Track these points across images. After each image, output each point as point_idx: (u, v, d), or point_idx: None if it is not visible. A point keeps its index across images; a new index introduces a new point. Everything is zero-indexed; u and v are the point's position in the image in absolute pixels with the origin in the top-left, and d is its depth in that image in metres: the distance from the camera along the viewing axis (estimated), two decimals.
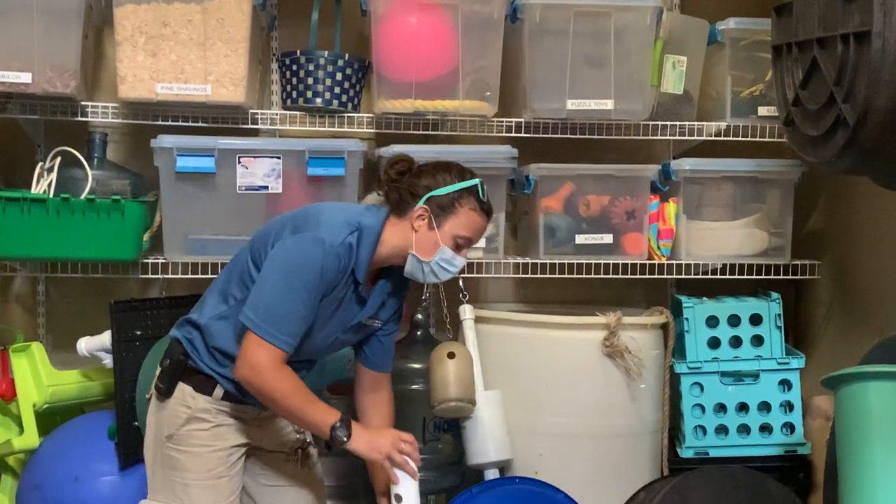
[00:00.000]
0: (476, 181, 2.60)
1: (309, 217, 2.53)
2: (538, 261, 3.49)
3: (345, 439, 2.46)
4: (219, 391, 2.55)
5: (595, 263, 3.49)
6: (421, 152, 3.34)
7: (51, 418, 3.35)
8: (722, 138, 3.55)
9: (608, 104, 3.41)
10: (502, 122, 3.48)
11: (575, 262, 3.48)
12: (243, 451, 2.64)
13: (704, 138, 3.57)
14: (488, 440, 3.24)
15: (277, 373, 2.42)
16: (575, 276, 3.49)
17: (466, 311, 3.38)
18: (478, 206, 2.59)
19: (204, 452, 2.55)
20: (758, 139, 3.52)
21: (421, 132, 3.45)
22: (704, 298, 3.57)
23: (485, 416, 3.25)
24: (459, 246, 2.60)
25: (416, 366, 3.33)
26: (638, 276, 3.53)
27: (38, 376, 3.24)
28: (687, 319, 3.49)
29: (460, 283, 3.37)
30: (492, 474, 3.27)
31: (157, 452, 2.59)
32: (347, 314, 2.60)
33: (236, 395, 2.56)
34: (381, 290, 2.67)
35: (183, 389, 2.55)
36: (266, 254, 2.49)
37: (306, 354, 2.61)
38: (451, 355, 3.21)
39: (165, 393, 2.56)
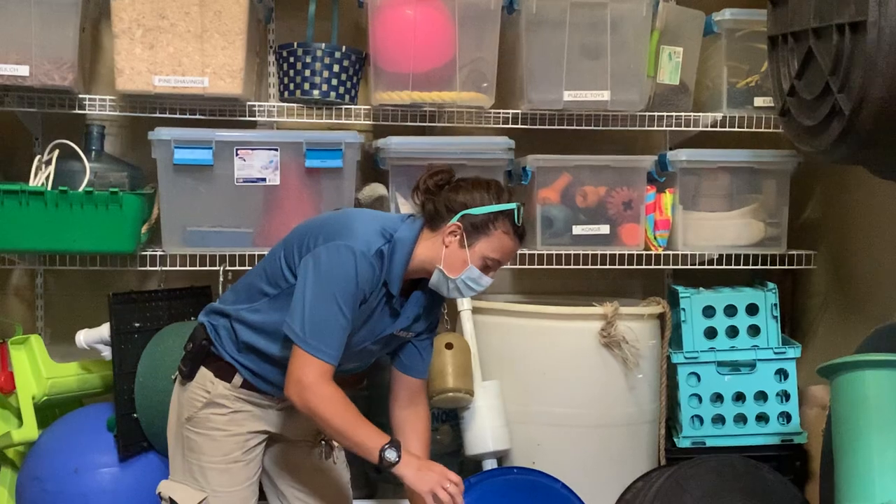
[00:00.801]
0: (514, 205, 2.49)
1: (342, 224, 2.48)
2: (535, 251, 3.50)
3: (394, 461, 2.39)
4: (237, 379, 2.56)
5: (592, 254, 3.50)
6: (418, 143, 3.37)
7: (50, 411, 3.36)
8: (718, 129, 3.56)
9: (605, 95, 3.42)
10: (499, 113, 3.49)
11: (572, 252, 3.49)
12: (262, 438, 2.64)
13: (701, 129, 3.58)
14: (486, 430, 3.26)
15: (326, 391, 2.39)
16: (572, 266, 3.50)
17: (464, 302, 3.38)
18: (512, 229, 2.49)
19: (220, 437, 2.56)
20: (754, 130, 3.53)
21: (418, 124, 3.46)
22: (701, 288, 3.58)
23: (483, 406, 3.27)
24: (488, 267, 2.51)
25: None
26: (635, 267, 3.55)
27: (36, 369, 3.24)
28: (683, 310, 3.50)
29: None
30: (490, 464, 3.28)
31: (178, 434, 2.61)
32: (379, 325, 2.56)
33: (254, 385, 2.57)
34: (416, 302, 2.60)
35: (204, 374, 2.57)
36: (299, 259, 2.45)
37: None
38: (448, 346, 3.22)
39: (187, 376, 2.58)
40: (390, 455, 2.39)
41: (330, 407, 2.39)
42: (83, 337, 3.29)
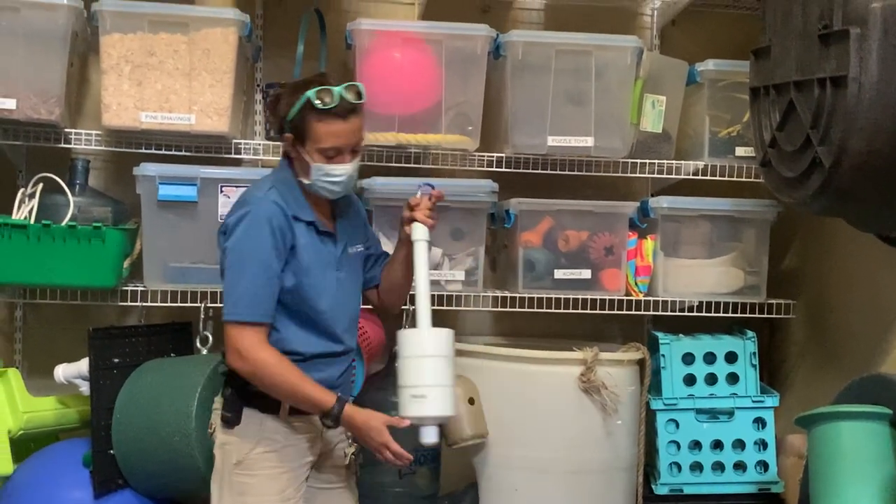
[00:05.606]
0: (306, 94, 2.52)
1: (235, 209, 2.59)
2: (517, 294, 3.51)
3: (340, 415, 2.53)
4: (285, 407, 2.58)
5: (573, 298, 3.51)
6: (402, 184, 3.38)
7: (25, 445, 3.33)
8: (700, 177, 3.58)
9: (588, 141, 3.45)
10: (483, 156, 3.51)
11: (553, 296, 3.50)
12: (308, 470, 2.67)
13: (682, 177, 3.61)
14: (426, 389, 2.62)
15: (263, 348, 2.50)
16: (553, 310, 3.51)
17: (418, 231, 2.73)
18: (322, 115, 2.52)
19: (275, 474, 2.57)
20: (735, 179, 3.56)
21: (403, 164, 3.48)
22: (681, 335, 3.60)
23: (426, 358, 2.64)
24: (331, 157, 2.56)
25: (395, 399, 3.29)
26: (615, 312, 3.56)
27: (13, 402, 3.22)
28: (663, 356, 3.51)
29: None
30: (429, 433, 2.60)
31: (223, 482, 2.59)
32: (328, 253, 2.65)
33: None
34: (346, 217, 2.74)
35: (250, 414, 2.58)
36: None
37: (329, 316, 2.62)
38: (471, 401, 3.24)
39: (234, 420, 2.58)
40: (338, 408, 2.53)
41: (272, 361, 2.50)
42: (62, 371, 3.27)
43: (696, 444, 3.52)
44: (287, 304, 2.57)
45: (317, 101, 2.51)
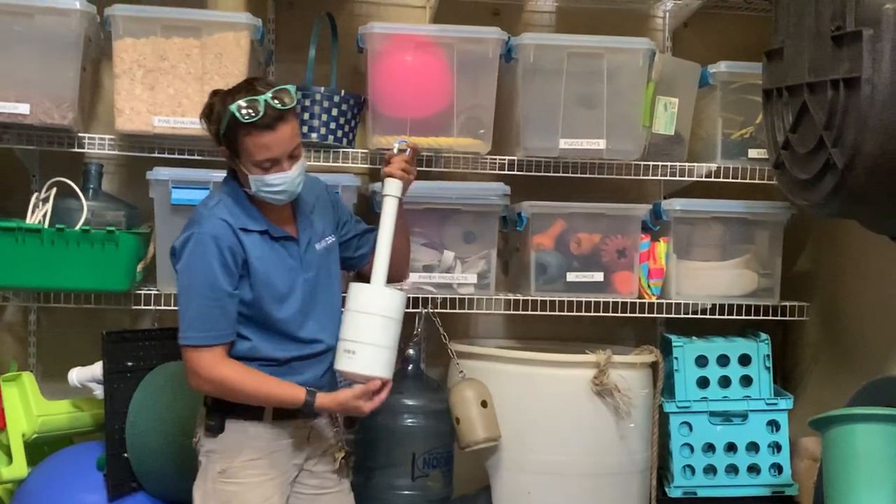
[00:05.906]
0: (229, 111, 2.44)
1: (183, 229, 2.55)
2: (529, 297, 3.50)
3: (315, 403, 2.53)
4: (268, 412, 2.57)
5: (586, 301, 3.50)
6: (414, 188, 3.37)
7: (39, 448, 3.34)
8: (712, 179, 3.58)
9: (600, 144, 3.44)
10: (495, 159, 3.51)
11: (566, 299, 3.50)
12: (296, 475, 2.66)
13: (695, 179, 3.60)
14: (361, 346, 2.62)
15: (221, 365, 2.49)
16: (565, 313, 3.50)
17: (390, 186, 2.75)
18: (249, 128, 2.44)
19: (261, 482, 2.56)
20: (748, 181, 3.55)
21: None
22: (694, 338, 3.59)
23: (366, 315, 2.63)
24: (267, 168, 2.49)
25: (408, 402, 3.30)
26: (628, 315, 3.55)
27: (27, 406, 3.23)
28: (676, 359, 3.51)
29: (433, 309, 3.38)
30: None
31: (207, 490, 2.58)
32: (290, 254, 2.60)
33: (286, 411, 2.58)
34: (307, 214, 2.67)
35: (233, 421, 2.57)
36: None
37: (292, 322, 2.58)
38: (484, 404, 3.26)
39: (218, 429, 2.57)
40: (311, 399, 2.52)
41: (233, 374, 2.49)
42: (76, 375, 3.29)
43: (710, 447, 3.51)
44: (250, 316, 2.55)
45: (240, 115, 2.43)
